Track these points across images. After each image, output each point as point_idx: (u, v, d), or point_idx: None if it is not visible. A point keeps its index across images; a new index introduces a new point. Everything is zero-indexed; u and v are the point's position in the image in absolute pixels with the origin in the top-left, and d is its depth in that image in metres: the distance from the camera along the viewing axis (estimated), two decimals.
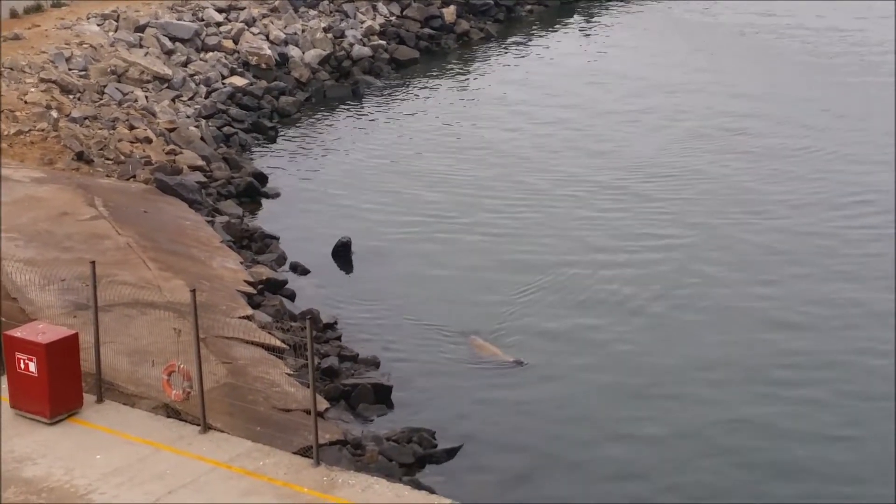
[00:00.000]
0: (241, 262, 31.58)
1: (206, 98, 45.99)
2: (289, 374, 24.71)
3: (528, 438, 24.70)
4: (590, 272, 32.53)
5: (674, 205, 37.45)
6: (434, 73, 53.89)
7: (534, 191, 38.95)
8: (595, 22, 63.77)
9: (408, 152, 43.38)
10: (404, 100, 50.16)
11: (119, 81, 44.13)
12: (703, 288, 31.51)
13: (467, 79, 53.17)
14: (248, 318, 27.37)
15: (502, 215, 36.91)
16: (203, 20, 51.43)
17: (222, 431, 21.29)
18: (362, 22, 55.85)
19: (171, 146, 39.81)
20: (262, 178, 39.89)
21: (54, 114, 39.05)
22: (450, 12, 59.27)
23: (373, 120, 47.67)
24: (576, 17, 64.94)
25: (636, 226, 35.79)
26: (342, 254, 34.03)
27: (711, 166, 40.85)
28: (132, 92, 43.40)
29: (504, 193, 38.78)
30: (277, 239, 34.88)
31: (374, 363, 27.56)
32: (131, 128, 40.26)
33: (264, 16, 53.47)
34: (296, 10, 54.98)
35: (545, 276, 32.34)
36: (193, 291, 21.26)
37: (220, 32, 51.00)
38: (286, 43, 51.92)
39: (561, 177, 40.21)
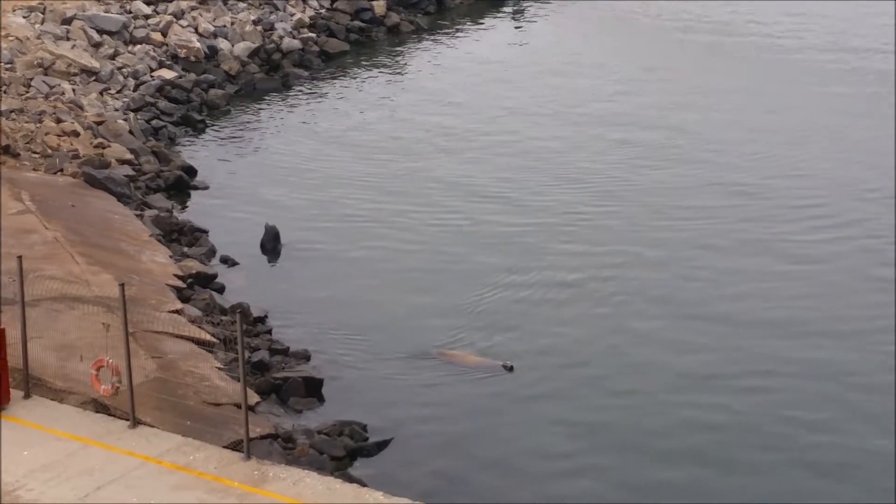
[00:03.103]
0: (171, 256, 31.46)
1: (134, 91, 45.65)
2: (219, 369, 24.67)
3: (459, 432, 24.77)
4: (525, 267, 32.49)
5: (612, 199, 37.29)
6: (364, 66, 53.84)
7: (463, 184, 38.91)
8: (525, 12, 63.92)
9: (338, 145, 43.30)
10: (334, 93, 50.06)
11: (46, 74, 43.67)
12: (650, 282, 31.46)
13: (397, 71, 53.17)
14: (178, 312, 27.29)
15: (433, 209, 36.90)
16: (131, 12, 50.99)
17: (152, 426, 21.21)
18: (292, 14, 55.67)
19: (100, 139, 39.48)
20: (191, 171, 39.67)
21: None
22: (380, 5, 59.22)
23: (303, 113, 47.54)
24: (506, 7, 65.09)
25: (580, 226, 35.23)
26: (272, 246, 33.92)
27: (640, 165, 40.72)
28: (59, 85, 42.98)
29: (434, 187, 38.74)
30: (207, 232, 34.75)
31: (305, 356, 27.55)
32: (58, 121, 39.88)
33: (193, 8, 53.10)
34: (225, 3, 54.66)
35: (476, 269, 32.42)
36: (122, 286, 21.16)
37: (149, 25, 50.61)
38: (215, 35, 51.65)
39: (493, 170, 40.14)
